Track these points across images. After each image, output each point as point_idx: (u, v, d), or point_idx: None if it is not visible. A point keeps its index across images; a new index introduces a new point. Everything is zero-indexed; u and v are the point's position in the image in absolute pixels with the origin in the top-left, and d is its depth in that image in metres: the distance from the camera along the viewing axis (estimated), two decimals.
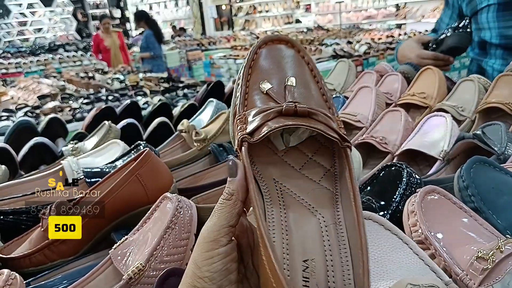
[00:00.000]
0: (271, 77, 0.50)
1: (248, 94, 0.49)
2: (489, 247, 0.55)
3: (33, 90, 3.37)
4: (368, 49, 4.57)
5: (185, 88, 3.21)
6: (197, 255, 0.41)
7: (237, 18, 12.58)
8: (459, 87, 1.26)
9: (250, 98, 0.48)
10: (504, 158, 0.84)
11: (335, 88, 1.55)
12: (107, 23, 6.21)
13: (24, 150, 1.30)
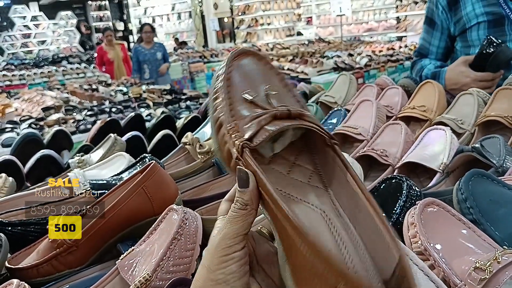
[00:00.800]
0: (250, 87, 0.52)
1: (232, 105, 0.50)
2: (486, 258, 0.57)
3: (37, 102, 3.40)
4: (369, 62, 4.60)
5: (187, 100, 3.24)
6: (210, 261, 0.42)
7: (239, 31, 12.67)
8: (459, 101, 1.28)
9: (236, 109, 0.50)
10: (502, 171, 0.86)
11: (337, 101, 1.57)
12: (109, 35, 6.27)
13: (31, 162, 1.32)
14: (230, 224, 0.43)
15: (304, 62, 4.66)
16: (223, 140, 0.48)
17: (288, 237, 0.39)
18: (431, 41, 1.80)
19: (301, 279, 0.39)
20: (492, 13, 1.56)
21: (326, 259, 0.35)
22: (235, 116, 0.49)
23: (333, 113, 1.40)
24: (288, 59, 5.12)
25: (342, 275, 0.34)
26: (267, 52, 7.59)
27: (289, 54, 6.46)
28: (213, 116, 0.51)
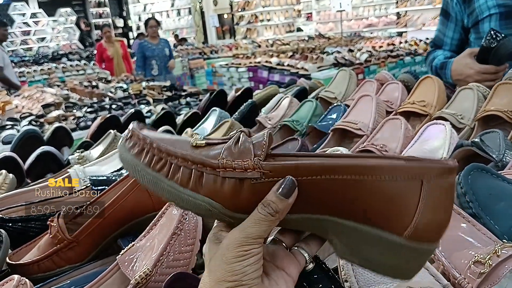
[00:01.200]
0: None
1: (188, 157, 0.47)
2: (486, 252, 0.57)
3: (37, 99, 3.40)
4: (369, 57, 4.60)
5: (187, 96, 3.23)
6: (227, 254, 0.43)
7: (239, 27, 12.65)
8: (459, 95, 1.27)
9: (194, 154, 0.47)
10: (502, 165, 0.86)
11: (336, 96, 1.57)
12: (107, 31, 6.26)
13: (31, 158, 1.32)
14: (255, 225, 0.43)
15: (304, 58, 4.65)
16: (215, 183, 0.45)
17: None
18: (446, 33, 1.82)
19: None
20: (504, 5, 1.58)
21: None
22: (210, 156, 0.46)
23: (332, 108, 1.39)
24: (288, 55, 5.10)
25: None
26: (267, 48, 7.58)
27: (289, 50, 6.44)
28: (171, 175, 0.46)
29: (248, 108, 1.58)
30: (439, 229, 0.44)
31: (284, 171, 0.44)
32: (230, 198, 0.44)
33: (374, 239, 0.44)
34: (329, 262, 0.66)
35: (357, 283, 0.55)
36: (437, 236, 0.45)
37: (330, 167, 0.43)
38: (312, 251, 0.48)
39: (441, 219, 0.44)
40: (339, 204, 0.44)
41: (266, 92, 1.82)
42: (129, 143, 0.48)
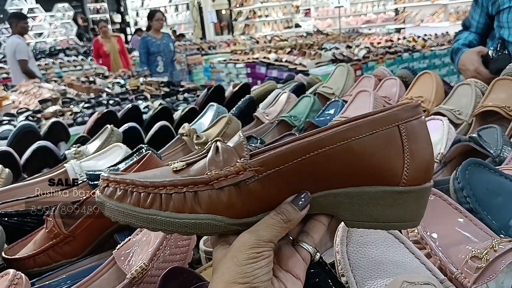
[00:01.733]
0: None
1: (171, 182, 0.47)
2: (483, 247, 0.57)
3: (34, 95, 3.38)
4: (367, 53, 4.59)
5: (185, 92, 3.22)
6: (239, 256, 0.43)
7: (237, 23, 12.62)
8: (456, 91, 1.27)
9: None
10: (499, 161, 0.86)
11: (334, 92, 1.56)
12: (103, 26, 6.23)
13: (27, 153, 1.32)
14: (267, 229, 0.44)
15: (302, 54, 4.64)
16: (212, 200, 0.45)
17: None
18: (473, 16, 1.93)
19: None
20: None
21: None
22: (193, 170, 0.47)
23: (330, 104, 1.39)
24: (286, 51, 5.09)
25: None
26: (265, 44, 7.57)
27: (287, 46, 6.43)
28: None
29: (246, 104, 1.58)
30: (429, 166, 0.47)
31: (274, 161, 0.44)
32: (230, 206, 0.45)
33: (376, 197, 0.46)
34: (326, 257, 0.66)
35: (353, 277, 0.55)
36: (430, 173, 0.47)
37: (315, 143, 0.44)
38: (315, 241, 0.49)
39: (427, 157, 0.46)
40: (335, 176, 0.45)
41: (264, 88, 1.81)
42: (107, 191, 0.47)
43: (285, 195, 0.45)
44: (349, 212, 0.47)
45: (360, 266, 0.56)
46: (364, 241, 0.59)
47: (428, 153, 0.46)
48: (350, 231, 0.59)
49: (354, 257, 0.57)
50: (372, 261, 0.57)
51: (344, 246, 0.57)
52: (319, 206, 0.47)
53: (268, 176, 0.44)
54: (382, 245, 0.59)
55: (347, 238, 0.58)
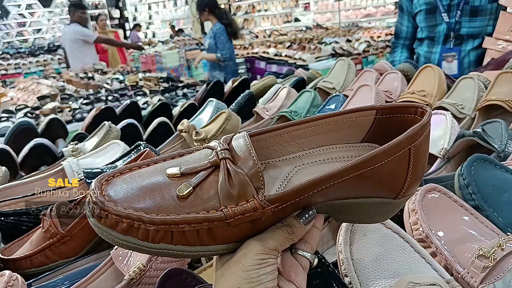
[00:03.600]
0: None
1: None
2: (490, 245, 0.55)
3: (32, 91, 3.37)
4: (367, 47, 4.57)
5: (184, 87, 3.20)
6: (244, 261, 0.43)
7: (236, 17, 12.54)
8: (459, 85, 1.25)
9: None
10: (504, 156, 0.84)
11: (335, 86, 1.54)
12: (103, 19, 6.21)
13: (24, 151, 1.30)
14: (273, 237, 0.44)
15: (302, 48, 4.62)
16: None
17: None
18: (402, 22, 2.23)
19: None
20: (429, 3, 2.02)
21: None
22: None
23: (331, 98, 1.37)
24: (286, 46, 5.07)
25: None
26: (264, 38, 7.53)
27: (286, 41, 6.40)
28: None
29: (245, 99, 1.56)
30: (422, 176, 0.50)
31: (292, 196, 0.43)
32: (246, 235, 0.44)
33: (371, 207, 0.48)
34: (328, 256, 0.65)
35: (357, 277, 0.54)
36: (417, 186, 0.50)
37: (330, 177, 0.43)
38: (312, 247, 0.48)
39: (424, 168, 0.49)
40: (340, 193, 0.46)
41: (264, 83, 1.80)
42: (106, 221, 0.40)
43: (292, 212, 0.45)
44: (342, 215, 0.49)
45: (364, 266, 0.55)
46: (367, 241, 0.57)
47: (424, 165, 0.48)
48: (353, 230, 0.57)
49: (357, 257, 0.56)
50: (376, 261, 0.55)
51: (348, 245, 0.56)
52: (324, 211, 0.48)
53: (283, 208, 0.43)
54: (386, 244, 0.57)
55: (350, 238, 0.57)
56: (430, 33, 2.09)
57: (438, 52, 2.08)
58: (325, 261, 0.54)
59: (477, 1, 1.91)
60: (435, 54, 2.09)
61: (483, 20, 1.94)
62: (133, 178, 0.44)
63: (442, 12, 2.00)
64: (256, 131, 0.50)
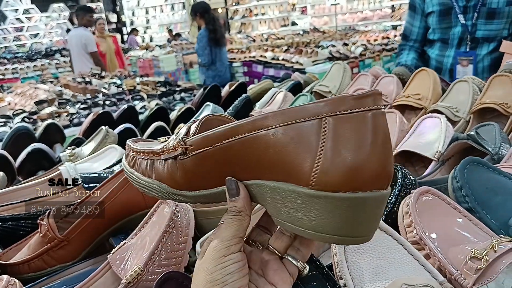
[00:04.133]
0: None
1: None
2: (483, 247, 0.56)
3: (30, 96, 3.36)
4: (364, 51, 4.58)
5: (182, 92, 3.20)
6: (208, 263, 0.43)
7: (233, 21, 12.59)
8: (454, 88, 1.26)
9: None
10: (498, 158, 0.85)
11: (331, 90, 1.55)
12: (102, 23, 6.21)
13: (22, 156, 1.30)
14: (226, 227, 0.44)
15: (299, 52, 4.63)
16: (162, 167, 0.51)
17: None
18: (413, 23, 2.11)
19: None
20: (444, 3, 1.93)
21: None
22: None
23: None
24: (283, 49, 5.08)
25: None
26: (261, 42, 7.55)
27: (283, 44, 6.42)
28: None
29: (242, 103, 1.56)
30: (358, 173, 0.38)
31: (200, 142, 0.46)
32: (171, 177, 0.49)
33: (288, 196, 0.40)
34: (323, 259, 0.65)
35: (352, 280, 0.54)
36: (358, 182, 0.38)
37: (231, 129, 0.43)
38: (304, 256, 0.47)
39: (357, 161, 0.37)
40: (253, 165, 0.42)
41: (261, 87, 1.81)
42: (127, 158, 0.58)
43: (219, 176, 0.45)
44: (272, 207, 0.43)
45: (359, 268, 0.55)
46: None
47: (359, 158, 0.37)
48: None
49: (352, 259, 0.56)
50: (371, 263, 0.56)
51: (342, 248, 0.56)
52: (252, 196, 0.45)
53: (197, 155, 0.46)
54: (381, 247, 0.58)
55: None
56: (443, 35, 1.99)
57: (451, 55, 1.98)
58: (320, 263, 0.55)
59: (494, 3, 1.82)
60: (448, 57, 1.99)
61: (499, 23, 1.85)
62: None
63: (459, 13, 1.89)
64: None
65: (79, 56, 5.15)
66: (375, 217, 0.41)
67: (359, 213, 0.39)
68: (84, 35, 5.09)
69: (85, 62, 5.09)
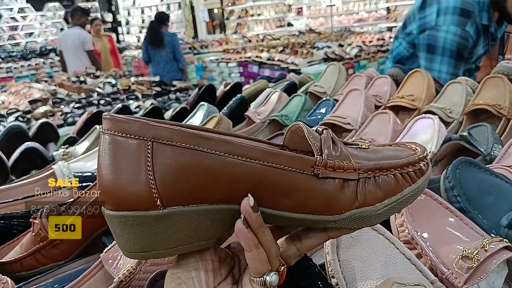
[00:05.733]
0: None
1: None
2: (474, 246, 0.56)
3: (24, 95, 3.35)
4: (359, 52, 4.60)
5: (177, 91, 3.21)
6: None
7: (229, 22, 12.59)
8: (447, 89, 1.27)
9: None
10: (490, 159, 0.86)
11: (326, 91, 1.56)
12: (98, 24, 6.20)
13: (15, 155, 1.30)
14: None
15: (294, 53, 4.64)
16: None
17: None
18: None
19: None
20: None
21: None
22: None
23: (322, 103, 1.39)
24: (279, 50, 5.08)
25: None
26: (257, 43, 7.55)
27: (279, 45, 6.42)
28: None
29: (237, 103, 1.57)
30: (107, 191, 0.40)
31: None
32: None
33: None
34: (316, 258, 0.66)
35: (344, 279, 0.54)
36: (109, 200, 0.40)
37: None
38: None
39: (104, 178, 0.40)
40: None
41: (256, 87, 1.81)
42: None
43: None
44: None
45: (351, 267, 0.56)
46: (354, 242, 0.58)
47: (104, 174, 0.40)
48: None
49: (344, 258, 0.56)
50: (363, 262, 0.56)
51: (335, 247, 0.57)
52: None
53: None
54: (373, 246, 0.58)
55: (337, 240, 0.58)
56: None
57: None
58: (312, 262, 0.55)
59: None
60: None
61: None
62: None
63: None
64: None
65: (75, 55, 5.12)
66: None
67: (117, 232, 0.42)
68: (82, 33, 5.09)
69: (83, 60, 5.08)
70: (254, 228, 0.40)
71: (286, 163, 0.42)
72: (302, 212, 0.42)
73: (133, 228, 0.40)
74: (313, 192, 0.42)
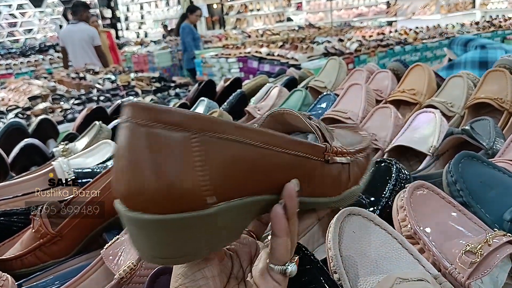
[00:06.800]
0: None
1: None
2: (477, 241, 0.56)
3: (23, 91, 3.34)
4: (359, 47, 4.57)
5: (177, 87, 3.20)
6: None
7: (229, 17, 12.56)
8: (448, 83, 1.26)
9: None
10: (492, 153, 0.85)
11: (326, 85, 1.55)
12: (95, 20, 6.19)
13: (15, 151, 1.29)
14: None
15: (294, 48, 4.62)
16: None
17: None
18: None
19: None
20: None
21: None
22: None
23: (322, 97, 1.38)
24: (278, 45, 5.06)
25: None
26: (257, 38, 7.53)
27: (279, 40, 6.41)
28: None
29: (237, 98, 1.56)
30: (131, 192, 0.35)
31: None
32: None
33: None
34: (318, 254, 0.65)
35: (346, 274, 0.54)
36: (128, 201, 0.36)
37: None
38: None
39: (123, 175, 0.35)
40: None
41: (256, 82, 1.80)
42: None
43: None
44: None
45: (353, 262, 0.55)
46: (356, 237, 0.58)
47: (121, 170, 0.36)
48: (342, 227, 0.58)
49: (346, 254, 0.56)
50: (365, 257, 0.56)
51: (337, 243, 0.56)
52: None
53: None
54: (375, 241, 0.58)
55: (339, 235, 0.57)
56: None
57: None
58: (314, 258, 0.55)
59: None
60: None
61: None
62: None
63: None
64: None
65: (84, 50, 5.08)
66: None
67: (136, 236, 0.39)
68: (89, 29, 5.07)
69: (91, 56, 5.05)
70: (290, 214, 0.42)
71: (307, 151, 0.45)
72: (315, 195, 0.47)
73: (172, 232, 0.36)
74: (324, 177, 0.48)
